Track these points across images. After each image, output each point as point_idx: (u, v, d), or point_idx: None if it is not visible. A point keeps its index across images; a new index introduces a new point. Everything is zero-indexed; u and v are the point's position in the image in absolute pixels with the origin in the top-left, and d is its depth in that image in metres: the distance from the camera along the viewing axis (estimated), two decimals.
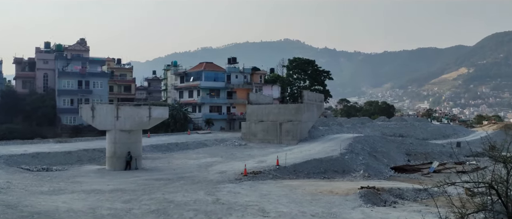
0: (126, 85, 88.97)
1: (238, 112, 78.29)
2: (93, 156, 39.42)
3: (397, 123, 77.84)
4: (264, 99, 63.55)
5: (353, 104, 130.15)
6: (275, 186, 25.68)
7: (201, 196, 22.00)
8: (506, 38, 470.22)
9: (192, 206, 19.55)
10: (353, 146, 42.45)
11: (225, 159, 39.74)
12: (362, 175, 33.35)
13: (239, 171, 30.77)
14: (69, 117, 72.65)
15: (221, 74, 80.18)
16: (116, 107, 34.62)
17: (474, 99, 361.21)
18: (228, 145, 51.17)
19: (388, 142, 50.63)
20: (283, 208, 19.47)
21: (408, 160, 47.24)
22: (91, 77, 76.68)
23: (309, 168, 33.73)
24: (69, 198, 21.10)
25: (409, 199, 23.65)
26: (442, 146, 54.96)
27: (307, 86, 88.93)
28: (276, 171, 31.41)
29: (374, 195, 22.59)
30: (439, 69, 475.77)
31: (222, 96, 79.35)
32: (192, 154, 43.89)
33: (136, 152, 34.64)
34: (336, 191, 23.66)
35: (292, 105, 58.85)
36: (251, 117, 57.08)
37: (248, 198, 21.78)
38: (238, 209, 19.05)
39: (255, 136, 55.02)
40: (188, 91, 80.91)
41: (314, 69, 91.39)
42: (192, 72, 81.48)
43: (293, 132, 52.55)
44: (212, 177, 29.20)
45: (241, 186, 25.46)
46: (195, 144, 49.51)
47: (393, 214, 18.67)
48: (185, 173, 31.39)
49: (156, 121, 36.73)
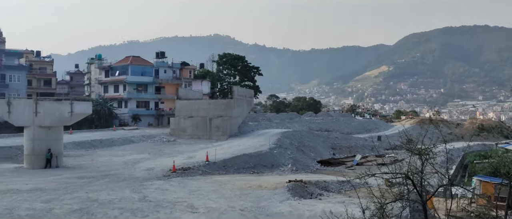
0: (46, 79, 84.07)
1: (166, 107, 76.89)
2: (9, 154, 36.99)
3: (324, 118, 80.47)
4: (194, 94, 62.98)
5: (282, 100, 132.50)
6: (204, 182, 25.60)
7: (127, 194, 21.40)
8: (422, 39, 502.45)
9: (118, 204, 18.96)
10: (281, 141, 43.30)
11: (153, 155, 38.95)
12: (290, 169, 34.16)
13: (168, 167, 30.31)
14: None
15: (148, 69, 78.23)
16: (35, 102, 32.76)
17: (394, 95, 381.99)
18: (156, 141, 50.18)
19: (315, 137, 52.21)
20: (212, 203, 19.46)
21: (333, 153, 49.05)
22: (7, 70, 71.65)
23: (239, 163, 33.97)
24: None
25: (334, 191, 24.59)
26: (364, 140, 57.66)
27: (237, 81, 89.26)
28: (205, 167, 31.31)
29: (301, 188, 23.23)
30: (362, 67, 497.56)
31: (150, 91, 77.48)
32: (118, 151, 42.54)
33: (56, 149, 32.95)
34: (265, 186, 24.04)
35: (222, 100, 58.86)
36: (180, 112, 56.36)
37: (177, 194, 21.52)
38: (166, 206, 18.75)
39: (184, 132, 54.41)
40: (114, 85, 78.11)
41: (244, 65, 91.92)
42: (118, 66, 78.73)
43: (223, 127, 52.59)
44: (139, 174, 28.51)
45: (170, 183, 25.10)
46: (121, 141, 48.01)
47: (319, 206, 19.30)
48: (110, 170, 30.37)
49: (79, 116, 35.16)
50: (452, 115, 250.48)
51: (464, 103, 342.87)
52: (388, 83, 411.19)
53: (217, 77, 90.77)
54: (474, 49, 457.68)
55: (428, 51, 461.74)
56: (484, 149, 53.86)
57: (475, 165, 39.72)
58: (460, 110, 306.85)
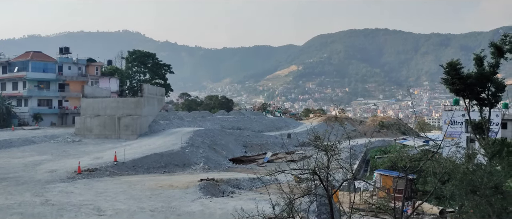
0: None
1: (71, 106, 72.85)
2: None
3: (236, 116, 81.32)
4: (101, 92, 60.40)
5: (194, 98, 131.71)
6: (112, 183, 24.73)
7: (27, 198, 20.04)
8: (329, 40, 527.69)
9: (17, 209, 17.70)
10: (193, 140, 43.09)
11: (56, 157, 36.77)
12: (202, 168, 34.14)
13: (72, 169, 28.83)
14: None
15: (51, 65, 73.53)
16: None
17: (303, 94, 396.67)
18: (59, 141, 47.41)
19: (227, 135, 52.64)
20: (120, 205, 18.88)
21: (245, 151, 49.81)
22: None
23: (149, 163, 33.26)
24: None
25: (246, 188, 25.04)
26: (275, 137, 59.24)
27: (147, 79, 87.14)
28: (113, 168, 30.25)
29: (213, 186, 23.35)
30: (273, 66, 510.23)
31: (53, 89, 72.90)
32: (17, 152, 39.56)
33: None
34: (177, 185, 23.82)
35: (132, 98, 57.18)
36: (86, 111, 53.78)
37: (82, 197, 20.57)
38: (70, 210, 17.86)
39: (91, 132, 52.02)
40: (12, 82, 72.40)
41: (154, 62, 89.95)
42: (16, 61, 73.07)
43: (132, 126, 51.10)
44: (41, 176, 26.79)
45: (74, 185, 23.92)
46: (21, 141, 44.71)
47: (230, 203, 19.54)
48: (8, 173, 28.16)
49: None
50: (356, 113, 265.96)
51: (366, 101, 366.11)
52: (298, 82, 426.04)
53: (126, 74, 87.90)
54: (375, 51, 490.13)
55: (335, 52, 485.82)
56: (384, 145, 57.96)
57: (376, 160, 42.60)
58: (363, 108, 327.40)
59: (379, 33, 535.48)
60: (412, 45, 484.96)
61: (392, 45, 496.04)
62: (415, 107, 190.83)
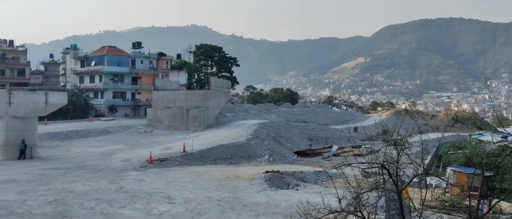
0: (19, 69, 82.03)
1: (143, 98, 76.10)
2: None
3: (301, 109, 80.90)
4: (171, 85, 62.48)
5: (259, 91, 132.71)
6: (181, 173, 25.52)
7: (103, 185, 21.20)
8: (398, 30, 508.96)
9: (94, 195, 18.78)
10: (258, 132, 43.41)
11: (130, 146, 38.59)
12: (267, 160, 34.32)
13: (144, 158, 30.09)
14: None
15: (125, 59, 77.14)
16: (8, 92, 32.04)
17: (370, 87, 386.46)
18: (132, 132, 49.68)
19: (292, 128, 52.53)
20: (189, 194, 19.44)
21: (310, 144, 49.46)
22: None
23: (216, 154, 33.94)
24: None
25: (311, 181, 24.85)
26: (341, 131, 58.27)
27: (214, 72, 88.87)
28: (182, 158, 31.19)
29: (278, 178, 23.41)
30: (339, 58, 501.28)
31: (127, 82, 76.51)
32: (94, 142, 41.98)
33: (31, 140, 32.33)
34: (242, 176, 24.12)
35: (199, 91, 58.56)
36: (157, 103, 55.88)
37: (154, 185, 21.42)
38: (143, 197, 18.66)
39: (161, 123, 54.01)
40: (90, 76, 76.84)
41: (221, 55, 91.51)
42: (93, 56, 77.40)
43: (200, 118, 52.39)
44: (116, 165, 28.23)
45: (146, 174, 24.95)
46: (97, 132, 47.38)
47: (295, 196, 19.49)
48: (86, 161, 29.98)
49: (54, 107, 34.54)
50: (427, 107, 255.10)
51: (439, 94, 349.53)
52: (365, 74, 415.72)
53: (194, 68, 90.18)
54: (449, 42, 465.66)
55: (405, 43, 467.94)
56: (458, 140, 55.09)
57: (449, 156, 40.62)
58: (435, 101, 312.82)
59: (454, 22, 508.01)
60: (489, 34, 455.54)
61: (468, 35, 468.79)
62: (493, 101, 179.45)
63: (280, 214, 16.57)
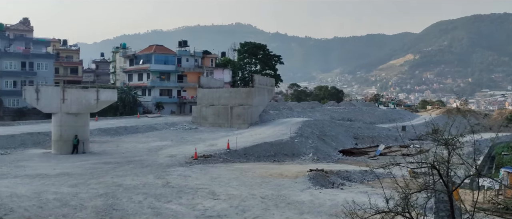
0: (72, 67, 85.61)
1: (188, 95, 77.49)
2: (38, 139, 37.92)
3: (346, 107, 79.76)
4: (215, 83, 63.20)
5: (303, 89, 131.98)
6: (225, 170, 25.76)
7: (150, 179, 21.73)
8: (449, 26, 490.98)
9: (142, 189, 19.28)
10: (302, 130, 43.12)
11: (175, 143, 39.35)
12: (311, 158, 34.03)
13: (190, 154, 30.59)
14: (12, 100, 69.22)
15: (171, 57, 78.84)
16: (62, 89, 33.45)
17: (419, 85, 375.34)
18: (178, 128, 50.63)
19: (337, 126, 51.85)
20: (233, 190, 19.58)
21: (355, 143, 48.63)
22: (36, 58, 73.15)
23: (260, 152, 34.01)
24: (12, 183, 20.26)
25: (356, 181, 24.42)
26: (388, 130, 56.96)
27: (258, 70, 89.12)
28: (226, 155, 31.47)
29: (322, 177, 23.16)
30: (386, 55, 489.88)
31: (173, 80, 78.18)
32: (142, 138, 43.13)
33: (83, 135, 33.66)
34: (286, 174, 24.04)
35: (243, 89, 58.86)
36: (202, 101, 56.67)
37: (199, 181, 21.73)
38: (188, 192, 18.97)
39: (206, 120, 54.75)
40: (138, 74, 79.10)
41: (265, 53, 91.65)
42: (141, 54, 79.59)
43: (244, 116, 52.67)
44: (162, 160, 28.87)
45: (191, 170, 25.35)
46: (145, 128, 48.64)
47: (340, 195, 19.21)
48: (134, 156, 30.85)
49: (104, 104, 35.79)
50: (480, 105, 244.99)
51: (492, 93, 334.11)
52: (414, 72, 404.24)
53: (238, 65, 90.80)
54: (503, 38, 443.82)
55: (456, 39, 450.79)
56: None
57: (503, 157, 38.87)
58: (488, 100, 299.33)
59: (509, 18, 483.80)
60: None
61: None
62: None
63: (324, 213, 16.38)
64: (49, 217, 14.71)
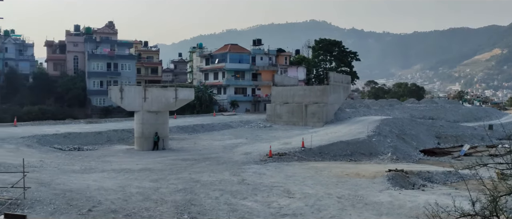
0: (153, 67, 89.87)
1: (263, 94, 78.16)
2: (122, 136, 40.11)
3: (427, 105, 76.28)
4: (289, 81, 63.13)
5: (381, 86, 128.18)
6: (300, 168, 25.60)
7: (226, 176, 22.14)
8: None
9: (218, 186, 19.70)
10: (381, 129, 41.83)
11: (250, 140, 39.79)
12: (390, 158, 32.88)
13: (264, 152, 30.77)
14: (99, 99, 74.01)
15: (246, 56, 79.98)
16: (144, 88, 35.04)
17: (508, 81, 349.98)
18: (253, 126, 51.17)
19: (418, 125, 49.71)
20: (308, 189, 19.39)
21: (438, 143, 46.35)
22: (120, 59, 77.68)
23: (335, 151, 33.44)
24: (100, 177, 21.55)
25: (439, 182, 23.21)
26: (473, 128, 53.66)
27: (333, 67, 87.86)
28: (301, 153, 31.28)
29: (402, 178, 22.26)
30: (471, 50, 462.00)
31: (247, 78, 79.28)
32: (218, 135, 44.11)
33: (163, 133, 35.07)
34: (363, 174, 23.41)
35: (318, 86, 58.26)
36: (276, 99, 56.86)
37: (273, 179, 21.78)
38: (263, 190, 19.07)
39: (280, 118, 54.84)
40: (214, 73, 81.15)
41: (340, 50, 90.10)
42: (217, 54, 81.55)
43: (318, 114, 52.12)
44: (237, 158, 29.31)
45: (266, 167, 25.48)
46: (221, 126, 49.71)
47: (421, 197, 18.33)
48: (210, 154, 31.61)
49: (182, 102, 37.01)
50: None
51: None
52: (502, 67, 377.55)
53: (313, 63, 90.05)
54: None
55: None
56: None
57: None
58: None
59: None
60: None
61: None
62: None
63: (404, 215, 15.70)
64: (133, 210, 15.46)
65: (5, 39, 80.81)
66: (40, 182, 18.75)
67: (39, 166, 24.33)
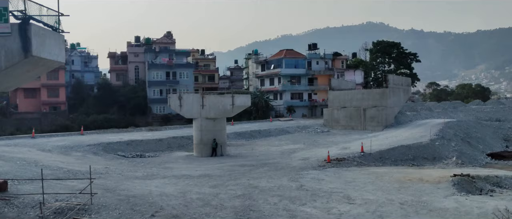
0: (210, 75, 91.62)
1: (319, 98, 77.48)
2: (181, 143, 41.15)
3: (494, 106, 72.29)
4: (347, 84, 62.18)
5: (443, 88, 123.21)
6: (360, 173, 25.04)
7: (284, 182, 22.05)
8: None
9: (276, 192, 19.66)
10: (444, 132, 40.18)
11: (308, 145, 39.51)
12: (455, 162, 31.46)
13: (322, 157, 30.41)
14: (159, 107, 76.44)
15: (301, 61, 79.69)
16: (202, 96, 35.78)
17: None
18: (310, 132, 50.80)
19: (484, 127, 47.28)
20: (369, 195, 18.92)
21: (506, 146, 43.86)
22: (178, 68, 79.89)
23: (396, 155, 32.47)
24: (161, 183, 22.19)
25: (509, 187, 21.88)
26: None
27: (392, 70, 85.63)
28: (360, 158, 30.62)
29: (468, 183, 21.20)
30: None
31: (303, 83, 78.92)
32: (275, 141, 44.15)
33: (221, 139, 35.58)
34: (427, 179, 22.52)
35: (376, 90, 57.00)
36: (333, 103, 56.19)
37: (332, 185, 21.44)
38: (322, 196, 18.82)
39: (338, 123, 54.10)
40: (269, 78, 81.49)
41: (399, 51, 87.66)
42: (272, 60, 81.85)
43: (378, 118, 50.94)
44: (295, 163, 29.16)
45: (325, 173, 25.14)
46: (277, 131, 49.74)
47: (490, 203, 17.34)
48: (268, 159, 31.67)
49: (239, 109, 37.40)
50: None
51: None
52: None
53: (371, 66, 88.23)
54: None
55: None
56: None
57: None
58: None
59: None
60: None
61: None
62: None
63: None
64: (194, 215, 15.75)
65: (72, 52, 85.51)
66: (106, 188, 19.59)
67: (105, 172, 25.45)
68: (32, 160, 27.10)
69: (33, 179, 20.27)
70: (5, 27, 11.46)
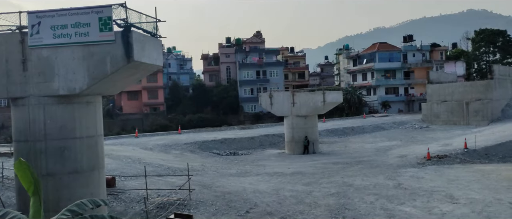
0: (299, 72, 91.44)
1: (417, 92, 73.84)
2: (273, 141, 41.57)
3: None
4: (446, 77, 58.51)
5: None
6: (463, 171, 23.38)
7: (381, 180, 21.27)
8: None
9: (372, 190, 19.02)
10: None
11: (405, 142, 37.86)
12: None
13: (421, 155, 28.88)
14: (250, 105, 77.95)
15: (396, 54, 76.49)
16: (292, 93, 35.87)
17: None
18: (407, 128, 48.67)
19: None
20: (474, 194, 17.58)
21: None
22: (268, 66, 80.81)
23: (505, 152, 29.79)
24: (255, 180, 22.56)
25: None
26: None
27: (497, 60, 79.00)
28: (464, 155, 28.58)
29: None
30: None
31: (399, 77, 75.70)
32: (369, 137, 42.91)
33: (312, 136, 35.36)
34: None
35: (480, 82, 53.05)
36: (432, 97, 53.24)
37: (433, 183, 20.25)
38: (422, 195, 17.84)
39: (438, 118, 51.16)
40: (362, 74, 79.34)
41: (505, 40, 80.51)
42: (365, 54, 79.56)
43: (482, 112, 47.38)
44: (392, 161, 28.04)
45: (425, 171, 23.83)
46: (372, 128, 48.29)
47: None
48: (362, 157, 30.84)
49: (330, 105, 36.90)
50: None
51: None
52: None
53: (473, 56, 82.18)
54: None
55: None
56: None
57: None
58: None
59: None
60: None
61: None
62: None
63: None
64: (287, 212, 15.77)
65: (168, 55, 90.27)
66: (203, 185, 20.34)
67: (201, 170, 26.48)
68: (136, 158, 29.01)
69: (137, 176, 21.68)
70: (110, 35, 12.31)
